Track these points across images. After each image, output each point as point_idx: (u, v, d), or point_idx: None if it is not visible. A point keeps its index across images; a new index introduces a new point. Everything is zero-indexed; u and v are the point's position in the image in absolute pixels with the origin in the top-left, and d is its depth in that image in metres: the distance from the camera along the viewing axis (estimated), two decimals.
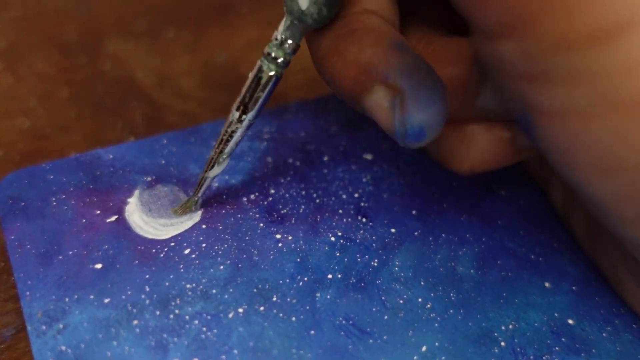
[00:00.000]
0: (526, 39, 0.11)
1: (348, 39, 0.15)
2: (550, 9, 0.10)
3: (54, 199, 0.17)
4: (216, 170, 0.17)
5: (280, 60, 0.15)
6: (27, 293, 0.15)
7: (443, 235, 0.18)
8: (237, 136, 0.16)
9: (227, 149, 0.16)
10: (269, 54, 0.15)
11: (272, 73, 0.15)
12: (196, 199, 0.17)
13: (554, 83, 0.11)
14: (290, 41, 0.15)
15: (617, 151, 0.11)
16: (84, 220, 0.17)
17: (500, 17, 0.11)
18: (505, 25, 0.11)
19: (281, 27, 0.15)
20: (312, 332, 0.15)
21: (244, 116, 0.16)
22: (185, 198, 0.18)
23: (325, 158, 0.20)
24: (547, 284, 0.17)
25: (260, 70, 0.15)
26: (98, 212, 0.17)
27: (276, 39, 0.15)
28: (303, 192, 0.18)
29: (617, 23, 0.10)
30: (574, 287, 0.17)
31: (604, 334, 0.16)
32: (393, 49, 0.14)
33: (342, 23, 0.15)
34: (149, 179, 0.18)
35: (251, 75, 0.16)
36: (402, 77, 0.14)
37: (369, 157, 0.20)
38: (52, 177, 0.18)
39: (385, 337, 0.15)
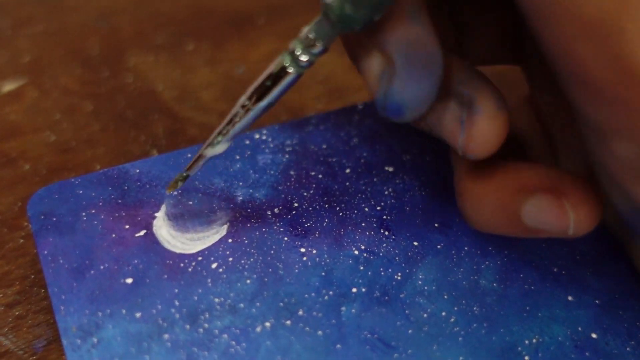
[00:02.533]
0: None
1: None
2: None
3: (84, 213, 0.18)
4: (211, 150, 0.16)
5: (303, 60, 0.14)
6: (62, 307, 0.15)
7: (465, 248, 0.18)
8: (239, 123, 0.15)
9: (226, 133, 0.15)
10: (293, 52, 0.14)
11: (291, 71, 0.14)
12: (185, 174, 0.17)
13: None
14: (319, 43, 0.14)
15: None
16: (113, 235, 0.17)
17: (618, 117, 0.10)
18: (622, 127, 0.11)
19: (311, 24, 0.14)
20: (339, 346, 0.15)
21: (248, 104, 0.15)
22: (213, 212, 0.18)
23: (347, 170, 0.20)
24: (570, 298, 0.17)
25: (279, 66, 0.14)
26: (127, 226, 0.17)
27: (304, 37, 0.14)
28: (326, 205, 0.19)
29: None
30: (597, 301, 0.17)
31: (627, 348, 0.16)
32: (405, 18, 0.13)
33: None
34: (175, 193, 0.18)
35: (270, 68, 0.14)
36: (399, 51, 0.13)
37: (390, 169, 0.20)
38: (81, 192, 0.18)
39: (410, 351, 0.15)
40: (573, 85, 0.11)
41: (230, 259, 0.17)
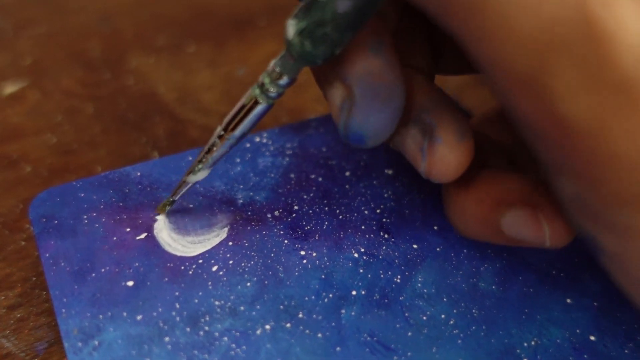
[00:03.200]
0: (584, 185, 0.11)
1: None
2: (608, 164, 0.10)
3: (85, 216, 0.18)
4: (193, 177, 0.17)
5: (272, 92, 0.15)
6: (63, 310, 0.15)
7: (464, 250, 0.18)
8: (217, 151, 0.16)
9: (205, 160, 0.16)
10: (263, 84, 0.15)
11: (261, 102, 0.15)
12: (172, 199, 0.18)
13: (612, 230, 0.11)
14: (285, 76, 0.14)
15: None
16: (114, 238, 0.17)
17: (560, 159, 0.11)
18: (564, 167, 0.11)
19: (277, 58, 0.14)
20: (338, 348, 0.15)
21: (224, 134, 0.16)
22: (214, 215, 0.18)
23: (347, 173, 0.20)
24: (568, 300, 0.17)
25: (250, 98, 0.15)
26: (128, 229, 0.17)
27: (271, 70, 0.14)
28: (326, 208, 0.19)
29: None
30: (595, 303, 0.17)
31: (626, 351, 0.16)
32: (365, 51, 0.14)
33: None
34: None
35: (242, 100, 0.15)
36: (358, 83, 0.14)
37: (390, 172, 0.20)
38: (82, 195, 0.18)
39: (409, 354, 0.15)
40: (520, 128, 0.12)
41: (231, 261, 0.17)
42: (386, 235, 0.18)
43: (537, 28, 0.10)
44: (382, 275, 0.17)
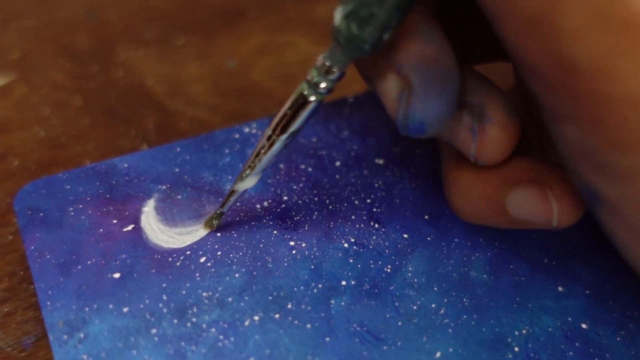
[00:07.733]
0: (587, 130, 0.11)
1: None
2: (610, 114, 0.10)
3: (71, 208, 0.17)
4: (241, 185, 0.16)
5: (322, 87, 0.14)
6: (48, 303, 0.15)
7: (456, 240, 0.18)
8: (266, 156, 0.15)
9: (254, 166, 0.16)
10: (311, 80, 0.14)
11: (312, 99, 0.14)
12: (220, 211, 0.17)
13: (613, 176, 0.11)
14: (334, 69, 0.14)
15: None
16: (101, 230, 0.17)
17: (564, 104, 0.11)
18: (568, 112, 0.11)
19: (326, 51, 0.14)
20: (327, 339, 0.15)
21: (272, 135, 0.15)
22: (202, 206, 0.18)
23: (337, 163, 0.20)
24: (560, 288, 0.17)
25: (299, 95, 0.14)
26: (115, 221, 0.17)
27: (320, 64, 0.14)
28: (316, 199, 0.19)
29: None
30: (587, 291, 0.17)
31: (618, 338, 0.16)
32: (418, 36, 0.13)
33: None
34: (164, 187, 0.18)
35: (291, 97, 0.15)
36: (414, 70, 0.13)
37: (380, 162, 0.20)
38: (69, 186, 0.18)
39: (399, 344, 0.15)
40: (526, 75, 0.12)
41: (219, 253, 0.17)
42: (376, 225, 0.18)
43: None
44: (372, 265, 0.17)
